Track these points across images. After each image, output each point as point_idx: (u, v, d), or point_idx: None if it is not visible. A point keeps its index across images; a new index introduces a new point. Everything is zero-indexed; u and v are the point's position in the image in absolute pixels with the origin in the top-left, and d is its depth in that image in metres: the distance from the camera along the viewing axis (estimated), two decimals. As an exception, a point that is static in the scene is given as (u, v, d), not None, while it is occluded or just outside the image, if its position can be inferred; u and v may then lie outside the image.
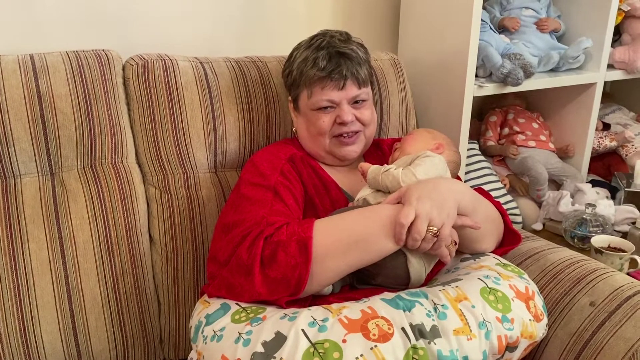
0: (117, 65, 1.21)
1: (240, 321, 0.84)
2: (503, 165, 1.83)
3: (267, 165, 1.07)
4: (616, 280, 1.04)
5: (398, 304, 0.83)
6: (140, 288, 1.17)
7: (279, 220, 0.92)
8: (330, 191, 1.10)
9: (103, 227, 1.13)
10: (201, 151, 1.24)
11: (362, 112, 1.13)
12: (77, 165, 1.17)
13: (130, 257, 1.15)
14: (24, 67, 1.11)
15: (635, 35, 1.82)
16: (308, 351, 0.76)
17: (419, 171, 0.98)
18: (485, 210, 1.03)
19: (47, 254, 1.09)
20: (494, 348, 0.84)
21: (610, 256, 1.36)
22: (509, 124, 1.85)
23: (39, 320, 1.07)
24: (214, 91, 1.24)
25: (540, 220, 1.72)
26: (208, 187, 1.24)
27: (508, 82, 1.51)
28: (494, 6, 1.75)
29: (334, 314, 0.81)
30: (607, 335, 0.95)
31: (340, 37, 1.13)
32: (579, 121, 1.81)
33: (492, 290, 0.89)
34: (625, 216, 1.61)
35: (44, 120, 1.11)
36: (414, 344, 0.78)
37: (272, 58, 1.36)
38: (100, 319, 1.12)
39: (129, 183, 1.18)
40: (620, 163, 1.98)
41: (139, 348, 1.18)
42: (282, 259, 0.86)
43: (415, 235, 0.87)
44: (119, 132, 1.19)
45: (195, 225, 1.21)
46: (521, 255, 1.19)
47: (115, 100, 1.19)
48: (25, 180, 1.13)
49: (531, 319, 0.90)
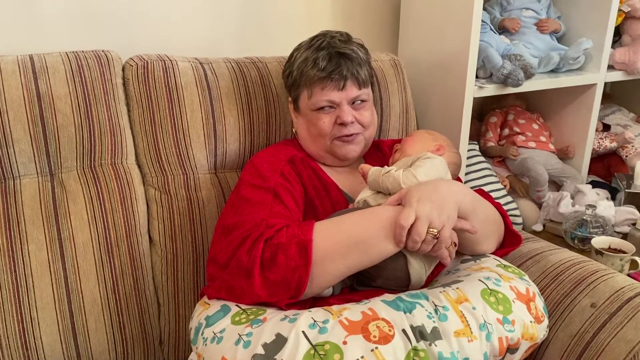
0: (117, 66, 1.21)
1: (240, 323, 0.83)
2: (503, 166, 1.83)
3: (267, 167, 1.07)
4: (617, 281, 1.03)
5: (399, 305, 0.83)
6: (140, 289, 1.16)
7: (279, 223, 0.92)
8: (331, 193, 1.10)
9: (103, 229, 1.13)
10: (201, 152, 1.23)
11: (362, 113, 1.13)
12: (76, 166, 1.17)
13: (130, 258, 1.15)
14: (24, 67, 1.11)
15: (635, 36, 1.82)
16: (309, 353, 0.76)
17: (420, 173, 0.98)
18: (485, 212, 1.03)
19: (47, 255, 1.09)
20: (494, 350, 0.84)
21: (611, 257, 1.36)
22: (509, 125, 1.85)
23: (39, 321, 1.07)
24: (214, 92, 1.24)
25: (541, 221, 1.72)
26: (208, 188, 1.24)
27: (508, 83, 1.51)
28: (494, 7, 1.75)
29: (334, 315, 0.81)
30: (608, 337, 0.94)
31: (340, 37, 1.13)
32: (579, 122, 1.81)
33: (493, 292, 0.89)
34: (625, 217, 1.61)
35: (44, 121, 1.11)
36: (414, 346, 0.78)
37: (272, 59, 1.36)
38: (99, 320, 1.12)
39: (128, 184, 1.18)
40: (620, 164, 1.98)
41: (139, 350, 1.18)
42: (282, 261, 0.86)
43: (416, 237, 0.87)
44: (119, 133, 1.19)
45: (195, 226, 1.21)
46: (522, 257, 1.19)
47: (115, 101, 1.19)
48: (25, 181, 1.13)
49: (532, 320, 0.90)
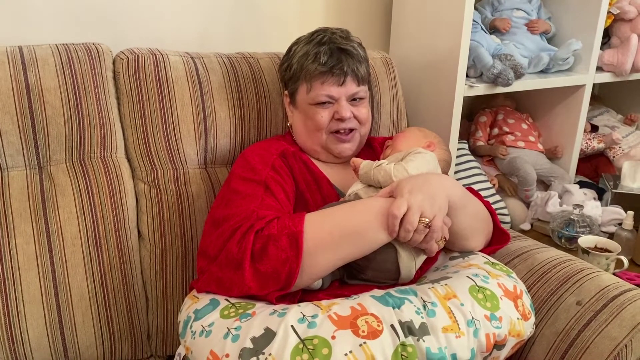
0: (107, 59, 1.20)
1: (229, 317, 0.83)
2: (492, 166, 1.84)
3: (258, 160, 1.07)
4: (602, 280, 1.05)
5: (387, 301, 0.83)
6: (128, 284, 1.16)
7: (270, 214, 0.92)
8: (322, 187, 1.10)
9: (91, 222, 1.12)
10: (191, 147, 1.23)
11: (359, 109, 1.14)
12: (65, 159, 1.16)
13: (119, 252, 1.15)
14: (13, 59, 1.10)
15: (623, 38, 1.84)
16: (297, 347, 0.76)
17: (411, 166, 0.98)
18: (475, 208, 1.04)
19: (34, 249, 1.08)
20: (482, 346, 0.85)
21: (597, 256, 1.37)
22: (499, 125, 1.86)
23: (25, 315, 1.06)
24: (205, 86, 1.24)
25: (528, 220, 1.73)
26: (198, 183, 1.23)
27: (498, 82, 1.52)
28: (485, 7, 1.76)
29: (323, 310, 0.81)
30: (593, 335, 0.96)
31: (340, 34, 1.14)
32: (567, 123, 1.83)
33: (481, 289, 0.90)
34: (611, 217, 1.63)
35: (33, 113, 1.10)
36: (402, 341, 0.79)
37: (264, 54, 1.36)
38: (87, 314, 1.11)
39: (117, 178, 1.17)
40: (607, 165, 2.00)
41: (126, 344, 1.18)
42: (273, 252, 0.86)
43: (408, 227, 0.87)
44: (109, 126, 1.18)
45: (185, 221, 1.20)
46: (509, 255, 1.20)
47: (105, 94, 1.18)
48: (13, 173, 1.12)
49: (519, 317, 0.90)
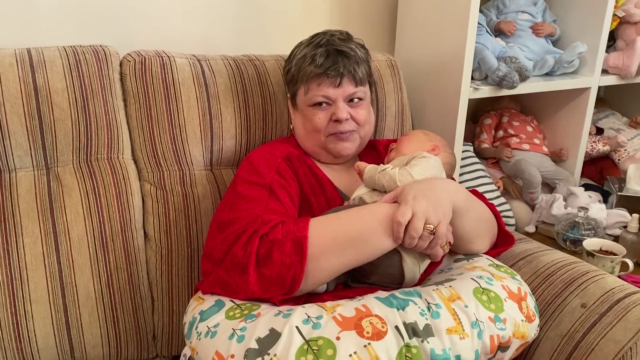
0: (115, 61, 1.21)
1: (234, 318, 0.84)
2: (497, 168, 1.84)
3: (263, 164, 1.07)
4: (607, 282, 1.05)
5: (392, 302, 0.84)
6: (134, 284, 1.17)
7: (275, 219, 0.92)
8: (326, 190, 1.11)
9: (98, 223, 1.13)
10: (197, 148, 1.24)
11: (357, 111, 1.14)
12: (72, 160, 1.17)
13: (125, 253, 1.15)
14: (21, 61, 1.11)
15: (629, 41, 1.84)
16: (302, 348, 0.76)
17: (415, 171, 0.98)
18: (479, 211, 1.04)
19: (41, 249, 1.09)
20: (486, 348, 0.85)
21: (602, 259, 1.37)
22: (504, 127, 1.86)
23: (32, 314, 1.07)
24: (211, 89, 1.25)
25: (533, 222, 1.73)
26: (203, 184, 1.24)
27: (503, 85, 1.52)
28: (490, 9, 1.76)
29: (328, 311, 0.82)
30: (597, 337, 0.96)
31: (340, 36, 1.14)
32: (572, 125, 1.83)
33: (485, 291, 0.90)
34: (616, 220, 1.62)
35: (40, 115, 1.11)
36: (407, 342, 0.79)
37: (270, 57, 1.36)
38: (93, 314, 1.12)
39: (124, 179, 1.18)
40: (612, 167, 1.99)
41: (132, 344, 1.18)
42: (278, 257, 0.86)
43: (412, 233, 0.87)
44: (115, 127, 1.19)
45: (190, 222, 1.21)
46: (514, 257, 1.20)
47: (112, 95, 1.19)
48: (21, 174, 1.13)
49: (523, 319, 0.90)
